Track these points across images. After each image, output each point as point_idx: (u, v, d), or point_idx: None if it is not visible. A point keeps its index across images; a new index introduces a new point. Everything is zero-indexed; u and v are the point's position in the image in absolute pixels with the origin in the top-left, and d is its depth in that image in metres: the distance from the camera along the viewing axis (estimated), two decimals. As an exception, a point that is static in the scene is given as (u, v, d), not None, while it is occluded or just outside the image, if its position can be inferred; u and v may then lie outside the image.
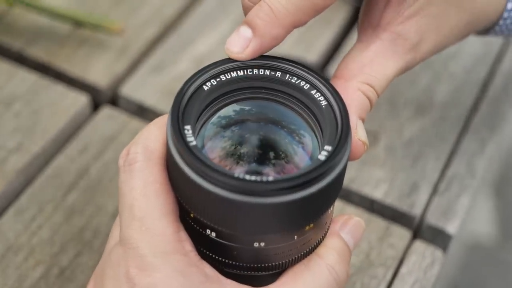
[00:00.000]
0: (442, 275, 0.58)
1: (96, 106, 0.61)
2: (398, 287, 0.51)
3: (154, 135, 0.40)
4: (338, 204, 0.55)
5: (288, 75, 0.41)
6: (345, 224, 0.42)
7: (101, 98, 0.61)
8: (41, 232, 0.51)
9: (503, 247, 1.30)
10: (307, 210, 0.38)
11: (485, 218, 1.32)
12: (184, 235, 0.39)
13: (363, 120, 0.42)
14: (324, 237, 0.41)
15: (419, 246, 0.53)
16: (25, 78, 0.60)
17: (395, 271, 0.52)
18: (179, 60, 0.63)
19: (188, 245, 0.39)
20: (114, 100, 0.62)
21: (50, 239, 0.51)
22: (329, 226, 0.42)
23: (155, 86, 0.61)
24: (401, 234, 0.54)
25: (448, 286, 1.11)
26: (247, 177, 0.36)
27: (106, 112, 0.59)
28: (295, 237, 0.39)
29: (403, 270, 0.52)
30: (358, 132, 0.41)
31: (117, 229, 0.41)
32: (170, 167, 0.39)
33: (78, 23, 0.63)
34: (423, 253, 0.53)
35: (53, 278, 0.49)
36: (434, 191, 0.56)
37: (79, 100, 0.59)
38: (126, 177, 0.40)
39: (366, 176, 0.57)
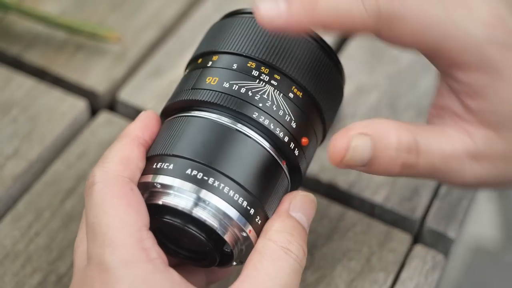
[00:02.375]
0: (446, 278, 0.58)
1: (94, 111, 0.61)
2: (399, 292, 0.51)
3: (110, 156, 0.42)
4: (338, 208, 0.54)
5: None
6: (294, 203, 0.42)
7: (99, 103, 0.61)
8: (38, 239, 0.51)
9: (507, 249, 1.29)
10: None
11: (488, 220, 1.32)
12: (149, 243, 0.39)
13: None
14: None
15: (420, 250, 0.53)
16: (23, 83, 0.60)
17: (396, 276, 0.51)
18: (177, 64, 0.63)
19: (153, 253, 0.39)
20: (112, 105, 0.61)
21: (48, 246, 0.51)
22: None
23: (153, 91, 0.61)
24: (402, 239, 0.53)
25: (451, 289, 1.10)
26: None
27: (104, 117, 0.59)
28: None
29: (404, 275, 0.51)
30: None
31: (79, 250, 0.42)
32: None
33: (74, 32, 0.62)
34: (424, 257, 0.52)
35: (50, 285, 0.49)
36: (435, 195, 0.56)
37: (77, 106, 0.59)
38: (87, 200, 0.41)
39: (366, 180, 0.56)
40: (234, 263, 0.43)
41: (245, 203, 0.41)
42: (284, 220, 0.41)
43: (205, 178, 0.40)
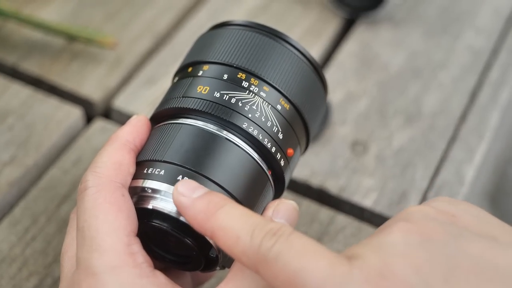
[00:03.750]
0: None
1: (89, 119, 0.62)
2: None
3: (102, 161, 0.43)
4: (328, 212, 0.55)
5: None
6: (278, 210, 0.42)
7: (94, 111, 0.62)
8: (34, 243, 0.52)
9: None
10: None
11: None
12: (136, 247, 0.40)
13: None
14: None
15: (409, 253, 0.54)
16: (19, 92, 0.61)
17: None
18: (171, 73, 0.64)
19: (140, 257, 0.39)
20: (107, 113, 0.62)
21: (44, 250, 0.52)
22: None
23: (148, 99, 0.62)
24: (391, 242, 0.54)
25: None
26: None
27: (99, 124, 0.60)
28: None
29: (393, 277, 0.52)
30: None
31: (66, 255, 0.43)
32: None
33: (71, 38, 0.64)
34: (412, 260, 0.53)
35: (46, 289, 0.50)
36: (423, 199, 0.57)
37: (73, 113, 0.60)
38: (79, 204, 0.41)
39: (356, 184, 0.57)
40: (218, 268, 0.44)
41: None
42: None
43: None
